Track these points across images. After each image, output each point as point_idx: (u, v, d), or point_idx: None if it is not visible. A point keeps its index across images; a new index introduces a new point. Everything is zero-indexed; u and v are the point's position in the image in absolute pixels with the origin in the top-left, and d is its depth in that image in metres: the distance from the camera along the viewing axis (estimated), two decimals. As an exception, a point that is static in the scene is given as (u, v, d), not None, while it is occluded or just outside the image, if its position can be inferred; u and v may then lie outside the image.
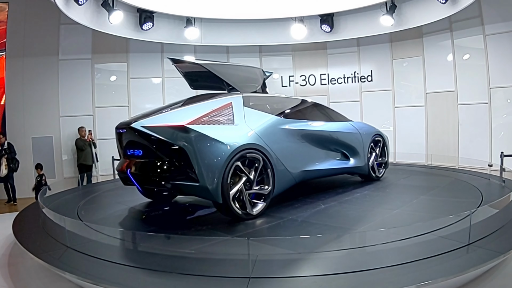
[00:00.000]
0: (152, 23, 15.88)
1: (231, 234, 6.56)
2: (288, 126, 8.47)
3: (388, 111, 17.72)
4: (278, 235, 6.50)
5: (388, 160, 11.23)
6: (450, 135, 16.20)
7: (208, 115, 7.26)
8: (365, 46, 18.13)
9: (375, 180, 10.53)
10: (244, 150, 7.16)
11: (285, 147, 8.12)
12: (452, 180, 10.53)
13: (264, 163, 7.49)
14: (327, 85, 18.65)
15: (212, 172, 6.75)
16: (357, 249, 5.69)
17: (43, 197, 9.02)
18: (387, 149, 11.16)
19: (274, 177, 7.69)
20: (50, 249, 6.18)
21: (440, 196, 8.74)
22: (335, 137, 9.65)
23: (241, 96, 8.13)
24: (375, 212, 7.63)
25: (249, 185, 7.32)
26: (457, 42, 15.91)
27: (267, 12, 16.86)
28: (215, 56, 17.39)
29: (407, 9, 15.68)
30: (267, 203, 7.55)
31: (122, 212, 8.55)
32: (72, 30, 16.20)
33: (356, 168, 10.06)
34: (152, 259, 5.57)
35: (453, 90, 16.08)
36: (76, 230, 6.57)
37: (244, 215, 7.16)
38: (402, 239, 5.71)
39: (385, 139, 11.13)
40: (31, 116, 16.27)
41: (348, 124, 10.28)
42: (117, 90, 17.52)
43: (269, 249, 5.69)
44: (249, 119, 7.78)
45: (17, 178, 15.39)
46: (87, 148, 15.68)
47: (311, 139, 8.95)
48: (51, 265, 5.59)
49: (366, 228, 6.54)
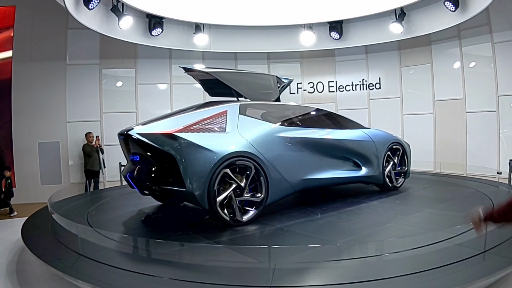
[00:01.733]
0: (161, 28, 15.83)
1: (211, 239, 6.72)
2: (288, 134, 8.43)
3: (396, 118, 17.62)
4: (250, 243, 6.61)
5: (408, 170, 10.78)
6: (458, 142, 16.11)
7: (200, 122, 7.49)
8: (374, 53, 18.06)
9: (391, 189, 10.25)
10: (233, 157, 7.31)
11: (282, 155, 8.13)
12: (468, 192, 10.17)
13: (256, 171, 7.58)
14: (335, 93, 18.56)
15: (198, 178, 6.98)
16: (366, 258, 5.63)
17: (53, 202, 8.92)
18: (408, 158, 10.72)
19: (268, 185, 7.74)
20: (62, 256, 6.11)
21: (448, 210, 8.43)
22: (343, 145, 9.46)
23: (238, 104, 8.25)
24: (365, 225, 7.47)
25: (239, 192, 7.43)
26: (466, 50, 15.86)
27: (276, 19, 16.81)
28: (224, 63, 17.39)
29: (416, 17, 15.61)
30: (259, 210, 7.64)
31: (132, 218, 8.55)
32: (80, 34, 16.14)
33: (369, 177, 9.82)
34: (166, 267, 5.51)
35: (461, 98, 16.00)
36: (88, 237, 6.50)
37: (232, 221, 7.31)
38: (417, 247, 5.67)
39: (405, 148, 10.70)
40: (38, 121, 16.17)
41: (360, 132, 10.03)
42: (125, 95, 17.43)
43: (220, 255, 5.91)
44: (243, 127, 7.86)
45: (21, 184, 15.39)
46: (94, 154, 15.62)
47: (315, 147, 8.83)
48: (65, 273, 5.52)
49: (345, 241, 6.47)
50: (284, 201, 8.55)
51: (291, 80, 10.30)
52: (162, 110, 15.10)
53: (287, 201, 8.78)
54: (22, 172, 15.76)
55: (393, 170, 10.34)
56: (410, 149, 10.88)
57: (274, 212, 8.13)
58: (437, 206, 8.80)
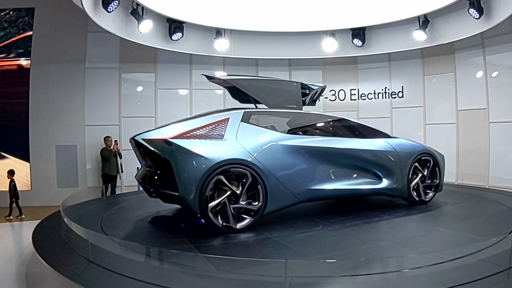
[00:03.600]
0: (182, 33, 15.72)
1: (194, 243, 6.75)
2: (293, 142, 8.24)
3: (419, 128, 17.38)
4: (219, 252, 6.58)
5: (441, 183, 9.87)
6: (481, 153, 15.83)
7: (200, 129, 7.64)
8: (396, 61, 17.83)
9: (419, 204, 9.42)
10: (227, 165, 7.35)
11: (284, 164, 7.99)
12: (496, 211, 9.17)
13: (253, 179, 7.52)
14: (357, 101, 18.38)
15: (190, 184, 7.13)
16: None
17: (66, 206, 8.84)
18: (440, 170, 9.85)
19: (266, 194, 7.64)
20: (72, 263, 5.96)
21: (460, 230, 7.60)
22: (359, 155, 8.97)
23: (242, 112, 8.20)
24: (358, 242, 7.04)
25: (235, 199, 7.42)
26: (489, 59, 15.60)
27: (298, 25, 16.68)
28: (244, 69, 17.39)
29: (439, 24, 15.38)
30: (256, 219, 7.56)
31: (148, 224, 8.38)
32: (100, 38, 16.18)
33: (391, 189, 9.17)
34: (180, 277, 5.36)
35: (484, 107, 15.74)
36: (99, 243, 6.34)
37: (224, 227, 7.32)
38: (439, 262, 5.37)
39: (438, 159, 9.83)
40: (56, 124, 16.22)
41: (381, 141, 9.44)
42: (144, 100, 17.40)
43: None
44: (242, 135, 7.84)
45: (37, 186, 15.36)
46: (112, 158, 15.57)
47: (324, 156, 8.50)
48: (73, 280, 5.35)
49: (325, 257, 6.12)
50: (293, 210, 8.43)
51: (322, 87, 10.00)
52: (182, 115, 14.85)
53: (296, 210, 8.62)
54: (39, 174, 15.87)
55: (422, 183, 9.55)
56: (443, 161, 10.15)
57: (276, 221, 7.99)
58: (452, 226, 8.10)
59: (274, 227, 7.66)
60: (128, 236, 7.43)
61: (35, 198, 15.37)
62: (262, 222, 7.70)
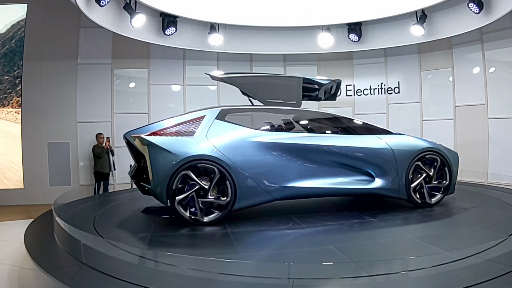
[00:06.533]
0: (175, 28, 15.51)
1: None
2: (267, 139, 8.28)
3: (415, 124, 17.26)
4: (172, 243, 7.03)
5: (451, 184, 8.97)
6: (480, 150, 15.71)
7: (174, 127, 8.11)
8: (393, 56, 17.68)
9: (423, 207, 8.72)
10: (194, 160, 7.73)
11: (255, 161, 8.12)
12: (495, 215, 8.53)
13: (221, 175, 7.79)
14: (353, 97, 18.21)
15: (159, 177, 7.67)
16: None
17: (59, 205, 8.77)
18: (451, 170, 8.95)
19: (235, 190, 7.86)
20: (64, 265, 5.85)
21: (427, 241, 6.72)
22: (342, 152, 8.55)
23: (219, 110, 8.49)
24: (305, 243, 6.87)
25: (203, 194, 7.75)
26: (488, 54, 15.47)
27: (293, 20, 16.50)
28: (239, 64, 17.30)
29: (437, 19, 15.22)
30: (224, 213, 7.84)
31: (141, 223, 8.39)
32: (92, 33, 16.06)
33: (385, 190, 8.64)
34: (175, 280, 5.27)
35: (483, 103, 15.60)
36: (92, 244, 6.16)
37: (191, 220, 7.71)
38: (442, 263, 5.20)
39: (447, 157, 8.95)
40: (48, 120, 16.09)
41: (372, 138, 8.88)
42: (137, 96, 17.27)
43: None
44: (213, 132, 8.12)
45: (30, 184, 15.33)
46: (104, 156, 15.42)
47: (302, 153, 8.33)
48: (64, 283, 5.19)
49: (250, 256, 6.31)
50: (276, 206, 8.80)
51: (336, 81, 9.93)
52: (175, 111, 14.86)
53: (281, 207, 8.89)
54: (31, 172, 15.84)
55: (427, 183, 8.85)
56: (456, 160, 9.25)
57: (252, 217, 8.31)
58: (420, 232, 7.45)
59: (243, 222, 7.96)
60: (120, 236, 7.28)
61: (28, 197, 15.34)
62: (236, 217, 8.08)
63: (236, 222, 7.80)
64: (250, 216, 8.28)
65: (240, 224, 7.77)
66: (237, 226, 7.65)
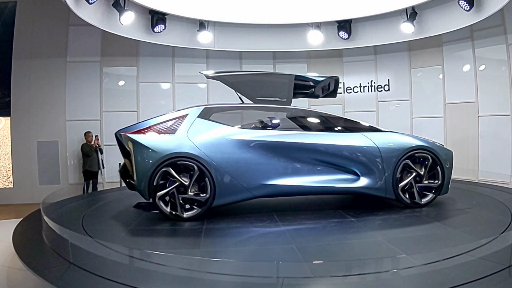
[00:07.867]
0: (164, 25, 15.49)
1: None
2: (247, 137, 8.31)
3: (405, 121, 17.24)
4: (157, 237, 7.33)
5: (444, 183, 8.57)
6: (470, 147, 15.74)
7: (158, 125, 8.33)
8: (383, 54, 17.71)
9: (412, 207, 8.41)
10: (173, 158, 7.94)
11: (235, 158, 8.21)
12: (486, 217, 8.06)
13: (201, 172, 7.95)
14: (343, 94, 18.13)
15: (141, 174, 7.91)
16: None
17: (47, 204, 8.72)
18: (443, 168, 8.55)
19: (215, 187, 8.00)
20: (52, 265, 5.80)
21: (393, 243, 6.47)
22: (324, 150, 8.40)
23: (202, 108, 8.65)
24: (275, 243, 6.79)
25: (183, 190, 7.95)
26: (478, 52, 15.50)
27: (283, 17, 16.48)
28: (228, 62, 17.33)
29: (428, 17, 15.24)
30: (203, 210, 7.98)
31: (131, 222, 8.18)
32: (81, 31, 15.97)
33: (371, 189, 8.41)
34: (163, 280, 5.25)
35: (473, 101, 15.65)
36: (80, 243, 6.10)
37: (171, 215, 7.90)
38: (431, 262, 5.12)
39: (439, 156, 8.58)
40: (37, 119, 16.03)
41: (357, 136, 8.67)
42: (126, 94, 17.22)
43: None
44: (194, 130, 8.29)
45: (19, 183, 15.27)
46: (93, 154, 15.37)
47: (283, 151, 8.28)
48: (52, 284, 5.13)
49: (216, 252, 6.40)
50: (266, 204, 8.91)
51: (333, 78, 9.89)
52: (164, 109, 14.70)
53: (270, 204, 8.93)
54: (20, 171, 15.78)
55: (418, 183, 8.54)
56: (450, 158, 8.86)
57: (236, 213, 8.46)
58: (395, 234, 7.08)
59: (223, 218, 8.11)
60: (108, 235, 7.20)
61: (17, 196, 15.31)
62: (218, 213, 8.22)
63: (213, 219, 7.93)
64: (234, 212, 8.45)
65: (220, 220, 7.97)
66: (214, 222, 7.79)
